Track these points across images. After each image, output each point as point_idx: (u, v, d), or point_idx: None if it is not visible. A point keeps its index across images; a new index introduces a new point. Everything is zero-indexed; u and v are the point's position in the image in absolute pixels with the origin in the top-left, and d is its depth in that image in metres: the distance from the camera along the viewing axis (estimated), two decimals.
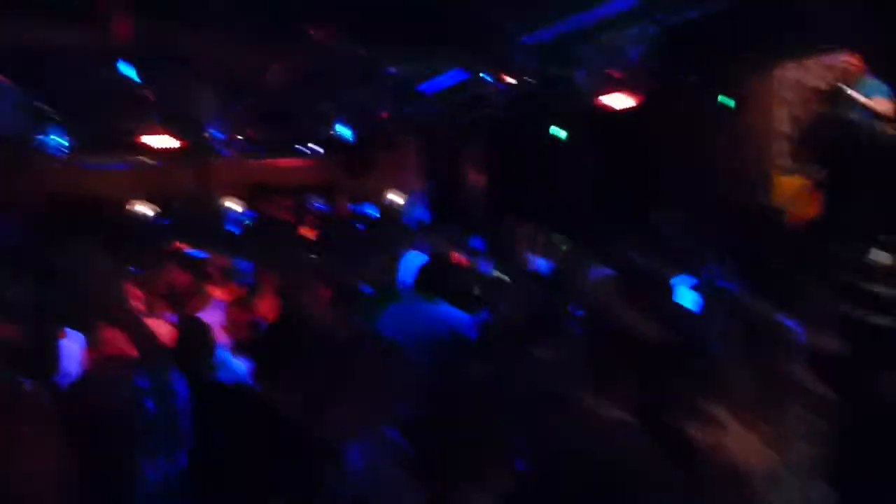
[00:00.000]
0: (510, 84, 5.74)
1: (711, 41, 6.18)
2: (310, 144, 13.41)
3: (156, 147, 10.97)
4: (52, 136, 8.40)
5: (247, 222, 14.62)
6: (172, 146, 11.00)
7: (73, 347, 4.10)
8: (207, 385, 3.64)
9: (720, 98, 7.10)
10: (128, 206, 15.58)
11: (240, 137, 7.10)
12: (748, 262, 5.32)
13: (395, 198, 15.97)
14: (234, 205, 15.97)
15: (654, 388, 3.07)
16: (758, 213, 7.03)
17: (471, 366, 4.28)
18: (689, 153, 8.09)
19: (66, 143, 8.87)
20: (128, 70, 4.96)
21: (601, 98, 6.80)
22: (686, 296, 4.91)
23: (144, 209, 15.57)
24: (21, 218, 13.99)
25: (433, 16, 5.91)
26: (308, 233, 13.96)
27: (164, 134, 10.38)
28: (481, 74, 5.76)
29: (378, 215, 17.02)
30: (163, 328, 4.15)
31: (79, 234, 12.09)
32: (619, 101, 7.13)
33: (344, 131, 9.11)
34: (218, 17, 4.81)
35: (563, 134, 9.66)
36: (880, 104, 5.54)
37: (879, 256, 4.55)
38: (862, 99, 5.64)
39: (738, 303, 4.52)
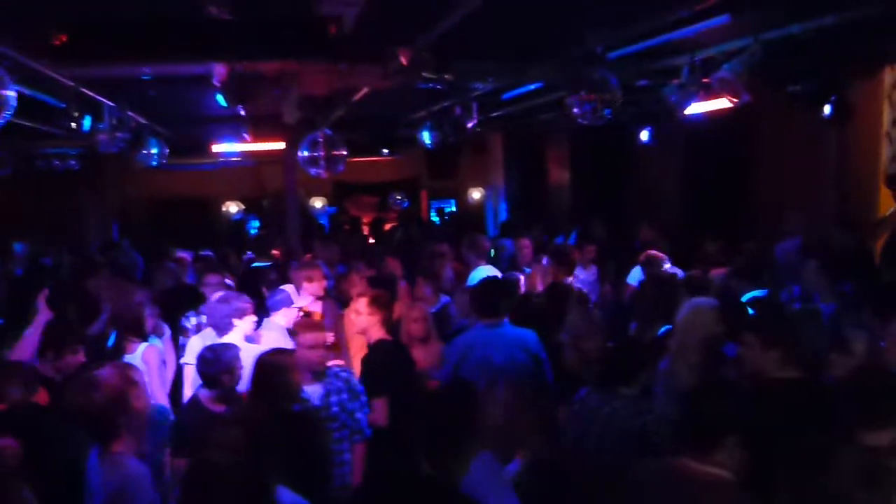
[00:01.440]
0: (597, 99, 5.60)
1: (813, 49, 5.90)
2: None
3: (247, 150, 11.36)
4: (151, 148, 8.75)
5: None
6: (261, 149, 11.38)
7: None
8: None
9: (824, 107, 6.76)
10: (222, 206, 16.20)
11: (325, 141, 7.18)
12: (856, 278, 5.11)
13: (478, 195, 15.98)
14: (318, 202, 16.33)
15: (770, 443, 2.97)
16: (865, 226, 6.72)
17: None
18: (790, 164, 7.80)
19: (164, 152, 9.22)
20: (219, 98, 5.12)
21: (694, 108, 6.59)
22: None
23: (235, 208, 16.13)
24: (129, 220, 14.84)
25: (520, 33, 5.84)
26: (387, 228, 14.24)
27: (254, 141, 10.72)
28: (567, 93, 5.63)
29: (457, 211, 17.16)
30: None
31: (179, 232, 12.75)
32: (712, 112, 6.91)
33: (428, 137, 9.12)
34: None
35: (651, 140, 9.46)
36: None
37: None
38: None
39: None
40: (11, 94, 3.97)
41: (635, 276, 6.93)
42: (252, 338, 4.98)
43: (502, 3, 4.24)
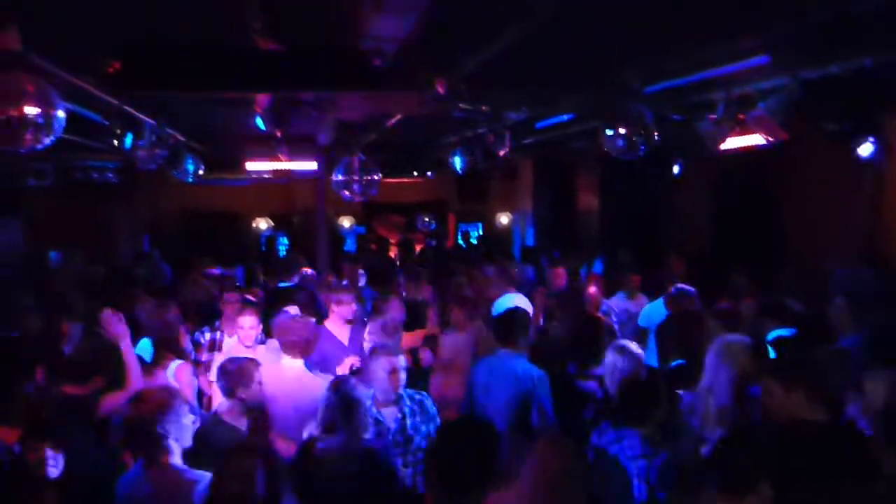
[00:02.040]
0: (633, 134, 5.63)
1: (851, 89, 5.88)
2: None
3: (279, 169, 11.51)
4: (188, 164, 8.91)
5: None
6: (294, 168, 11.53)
7: None
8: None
9: (862, 147, 6.72)
10: (252, 221, 16.39)
11: (360, 166, 7.27)
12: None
13: (506, 220, 16.00)
14: (346, 222, 16.44)
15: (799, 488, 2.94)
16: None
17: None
18: (822, 199, 7.74)
19: (200, 168, 9.38)
20: (258, 122, 5.23)
21: (727, 144, 6.59)
22: None
23: (265, 224, 16.30)
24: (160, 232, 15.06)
25: (557, 64, 5.88)
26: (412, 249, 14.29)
27: (287, 160, 10.86)
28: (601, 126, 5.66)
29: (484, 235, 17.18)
30: None
31: (209, 245, 12.93)
32: (746, 148, 6.90)
33: (459, 163, 9.19)
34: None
35: (683, 170, 9.44)
36: None
37: None
38: None
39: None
40: (62, 114, 4.08)
41: (657, 308, 6.83)
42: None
43: (540, 36, 4.29)
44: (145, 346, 5.77)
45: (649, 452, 3.59)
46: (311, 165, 10.92)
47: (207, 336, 6.21)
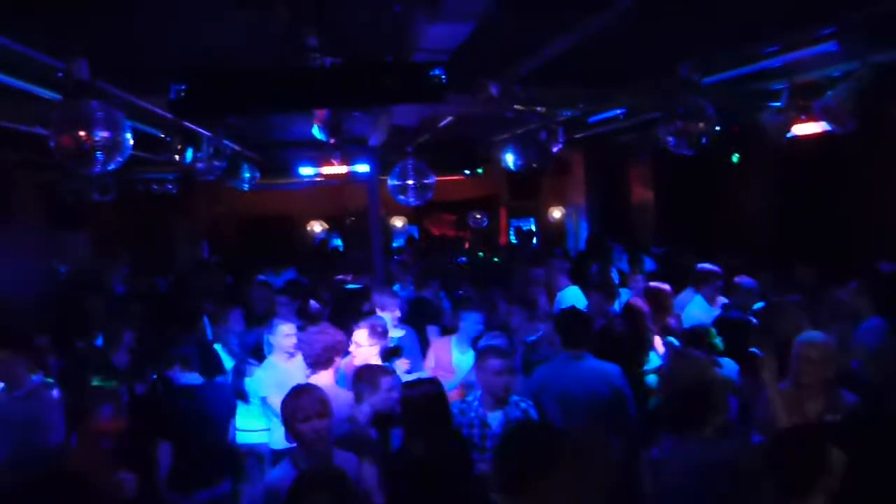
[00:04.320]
0: (692, 127, 5.49)
1: None
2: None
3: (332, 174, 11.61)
4: (244, 173, 9.05)
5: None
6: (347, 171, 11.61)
7: None
8: None
9: None
10: (307, 224, 16.61)
11: (415, 170, 7.30)
12: None
13: (558, 214, 15.86)
14: (399, 222, 16.53)
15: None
16: None
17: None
18: (887, 187, 7.46)
19: (256, 176, 9.53)
20: (315, 131, 5.27)
21: (792, 134, 6.40)
22: None
23: (319, 227, 16.50)
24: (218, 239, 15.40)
25: (612, 60, 5.78)
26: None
27: (341, 164, 10.95)
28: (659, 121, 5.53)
29: (537, 230, 17.05)
30: None
31: (265, 250, 13.15)
32: (812, 138, 6.67)
33: (511, 161, 9.11)
34: None
35: (741, 161, 9.20)
36: None
37: None
38: None
39: None
40: (129, 136, 4.18)
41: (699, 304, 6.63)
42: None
43: (597, 33, 4.21)
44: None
45: (714, 455, 3.50)
46: (364, 168, 11.00)
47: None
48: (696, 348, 4.63)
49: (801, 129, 6.48)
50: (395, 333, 5.78)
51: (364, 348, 4.96)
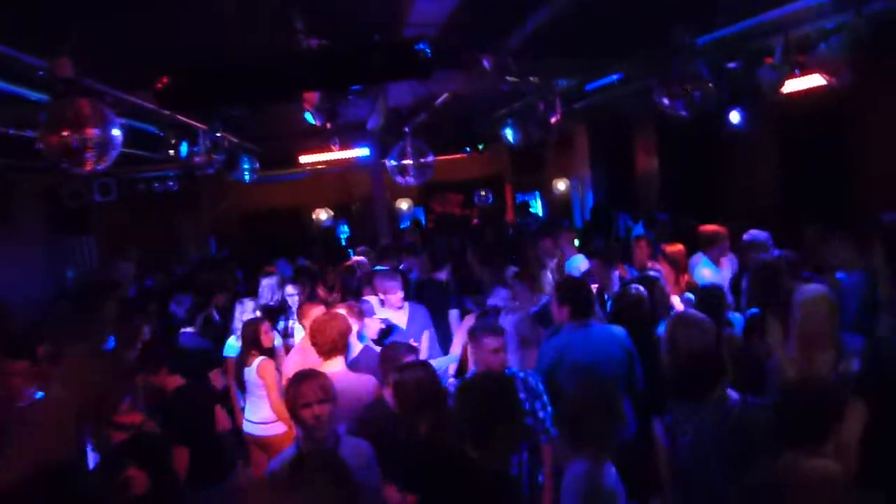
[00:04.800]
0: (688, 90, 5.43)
1: None
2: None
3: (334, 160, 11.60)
4: (244, 165, 9.05)
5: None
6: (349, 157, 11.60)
7: None
8: None
9: None
10: (312, 213, 16.61)
11: (414, 150, 7.26)
12: None
13: (563, 186, 15.80)
14: (405, 204, 16.51)
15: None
16: None
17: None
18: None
19: (256, 167, 9.52)
20: (307, 117, 5.24)
21: (789, 86, 6.29)
22: None
23: (325, 215, 16.50)
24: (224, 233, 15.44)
25: (604, 28, 5.70)
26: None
27: (341, 150, 10.93)
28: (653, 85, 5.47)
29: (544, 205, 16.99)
30: None
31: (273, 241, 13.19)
32: (810, 89, 6.57)
33: (511, 135, 9.06)
34: None
35: (744, 122, 9.09)
36: None
37: None
38: None
39: None
40: (118, 133, 4.17)
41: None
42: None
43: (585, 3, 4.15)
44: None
45: (728, 418, 3.48)
46: (364, 152, 10.97)
47: (281, 325, 6.50)
48: (706, 309, 4.61)
49: (798, 84, 6.39)
50: (385, 314, 5.76)
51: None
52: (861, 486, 2.86)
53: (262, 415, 5.58)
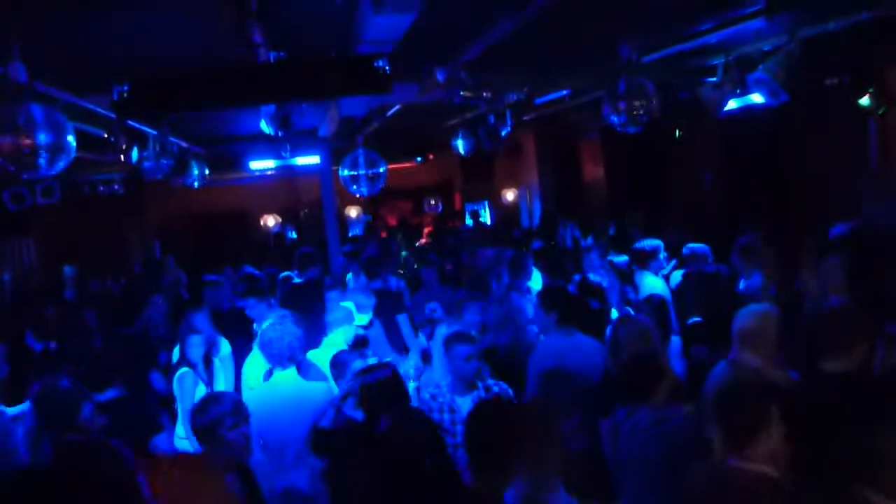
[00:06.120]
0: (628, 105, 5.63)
1: (849, 43, 5.84)
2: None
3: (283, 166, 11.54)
4: (193, 170, 8.96)
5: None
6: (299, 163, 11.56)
7: None
8: None
9: (862, 101, 6.67)
10: (260, 219, 16.45)
11: (366, 161, 7.31)
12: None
13: (512, 196, 16.01)
14: (353, 211, 16.49)
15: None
16: None
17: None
18: (827, 155, 7.72)
19: (205, 173, 9.43)
20: (262, 126, 5.27)
21: (729, 107, 6.58)
22: None
23: (273, 221, 16.37)
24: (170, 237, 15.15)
25: (554, 43, 5.87)
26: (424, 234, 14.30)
27: (291, 156, 10.89)
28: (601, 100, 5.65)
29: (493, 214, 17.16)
30: None
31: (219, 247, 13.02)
32: (748, 110, 6.88)
33: (462, 146, 9.20)
34: None
35: (686, 133, 9.41)
36: None
37: None
38: None
39: None
40: (72, 139, 4.14)
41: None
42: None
43: (537, 18, 4.27)
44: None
45: (662, 419, 3.59)
46: (315, 159, 10.94)
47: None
48: (652, 317, 4.78)
49: (740, 102, 6.69)
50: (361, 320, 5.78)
51: None
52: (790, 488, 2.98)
53: None
